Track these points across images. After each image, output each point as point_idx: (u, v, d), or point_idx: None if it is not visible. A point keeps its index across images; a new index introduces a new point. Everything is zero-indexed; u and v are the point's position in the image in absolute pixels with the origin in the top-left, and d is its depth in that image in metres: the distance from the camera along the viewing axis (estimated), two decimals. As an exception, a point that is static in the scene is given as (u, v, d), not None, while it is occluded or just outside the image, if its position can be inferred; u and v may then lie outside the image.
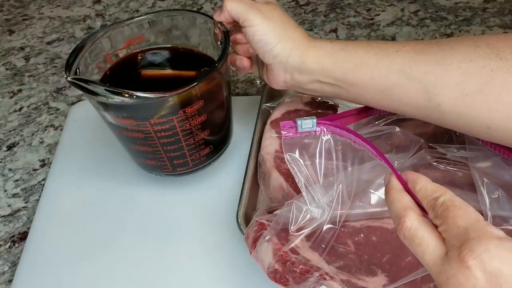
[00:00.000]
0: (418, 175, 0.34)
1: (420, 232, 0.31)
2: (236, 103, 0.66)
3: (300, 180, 0.42)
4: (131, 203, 0.57)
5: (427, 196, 0.32)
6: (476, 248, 0.27)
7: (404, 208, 0.33)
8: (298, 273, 0.42)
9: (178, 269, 0.51)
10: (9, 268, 0.55)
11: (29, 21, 0.84)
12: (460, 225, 0.29)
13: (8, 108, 0.71)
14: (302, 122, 0.40)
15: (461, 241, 0.28)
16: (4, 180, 0.63)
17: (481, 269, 0.26)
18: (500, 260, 0.26)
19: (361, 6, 0.83)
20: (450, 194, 0.31)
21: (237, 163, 0.58)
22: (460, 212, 0.30)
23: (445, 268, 0.28)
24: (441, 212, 0.30)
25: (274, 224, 0.43)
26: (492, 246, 0.27)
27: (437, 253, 0.29)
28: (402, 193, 0.34)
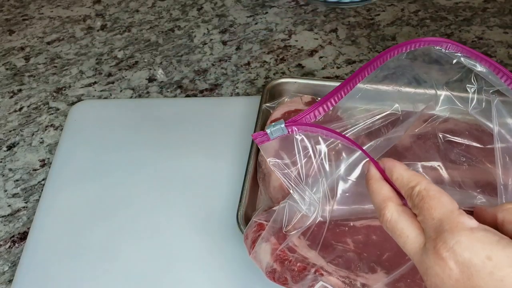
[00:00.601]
0: (394, 162, 0.34)
1: (400, 224, 0.32)
2: (236, 103, 0.66)
3: (285, 181, 0.42)
4: (130, 203, 0.57)
5: (403, 185, 0.33)
6: (448, 240, 0.28)
7: (383, 199, 0.33)
8: (296, 271, 0.42)
9: (178, 268, 0.51)
10: (9, 268, 0.55)
11: (29, 21, 0.84)
12: (435, 217, 0.30)
13: (8, 108, 0.71)
14: (272, 130, 0.40)
15: (436, 233, 0.29)
16: (4, 180, 0.63)
17: (454, 261, 0.28)
18: (470, 251, 0.27)
19: (361, 6, 0.83)
20: (425, 182, 0.32)
21: (237, 163, 0.58)
22: (434, 202, 0.30)
23: (423, 259, 0.30)
24: (417, 203, 0.31)
25: (271, 224, 0.43)
26: (463, 237, 0.28)
27: (417, 243, 0.31)
28: (381, 183, 0.35)
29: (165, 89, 0.71)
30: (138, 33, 0.81)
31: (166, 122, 0.64)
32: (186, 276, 0.51)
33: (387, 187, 0.34)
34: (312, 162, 0.43)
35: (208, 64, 0.75)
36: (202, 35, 0.79)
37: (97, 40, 0.80)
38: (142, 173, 0.59)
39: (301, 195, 0.42)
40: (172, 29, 0.81)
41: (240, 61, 0.75)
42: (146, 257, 0.52)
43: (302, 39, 0.78)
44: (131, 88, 0.72)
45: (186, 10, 0.84)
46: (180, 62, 0.75)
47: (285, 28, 0.80)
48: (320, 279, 0.41)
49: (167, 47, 0.78)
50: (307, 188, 0.42)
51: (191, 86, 0.72)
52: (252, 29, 0.80)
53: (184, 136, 0.62)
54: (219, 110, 0.65)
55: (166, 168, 0.59)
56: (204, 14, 0.83)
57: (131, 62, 0.76)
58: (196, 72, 0.74)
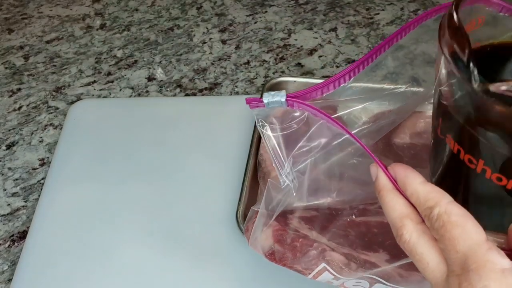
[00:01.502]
0: (407, 172, 0.30)
1: (420, 248, 0.28)
2: (236, 102, 0.66)
3: (269, 148, 0.39)
4: (130, 202, 0.57)
5: (420, 204, 0.29)
6: (475, 282, 0.25)
7: (399, 217, 0.30)
8: (299, 247, 0.41)
9: (177, 268, 0.51)
10: (9, 267, 0.55)
11: (28, 20, 0.84)
12: (459, 250, 0.26)
13: (7, 107, 0.71)
14: (269, 101, 0.36)
15: (461, 269, 0.26)
16: (4, 179, 0.63)
17: None
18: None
19: (361, 5, 0.83)
20: (445, 202, 0.28)
21: (236, 162, 0.58)
22: (458, 232, 0.26)
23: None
24: (437, 228, 0.27)
25: (263, 205, 0.42)
26: (492, 282, 0.24)
27: (439, 273, 0.27)
28: (394, 195, 0.31)
29: (165, 88, 0.71)
30: (138, 32, 0.80)
31: (165, 121, 0.64)
32: (186, 276, 0.51)
33: (402, 200, 0.30)
34: (305, 142, 0.40)
35: (208, 63, 0.75)
36: (201, 34, 0.79)
37: (97, 39, 0.80)
38: (142, 172, 0.59)
39: (280, 167, 0.40)
40: (172, 28, 0.81)
41: (239, 60, 0.75)
42: (145, 256, 0.52)
43: (302, 38, 0.78)
44: (131, 87, 0.72)
45: (185, 9, 0.84)
46: (179, 61, 0.75)
47: (285, 27, 0.80)
48: (323, 255, 0.40)
49: (167, 46, 0.78)
50: (287, 163, 0.40)
51: (191, 85, 0.72)
52: (251, 28, 0.80)
53: (183, 135, 0.62)
54: (219, 109, 0.65)
55: (165, 167, 0.59)
56: (204, 13, 0.83)
57: (131, 61, 0.76)
58: (196, 71, 0.73)
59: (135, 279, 0.51)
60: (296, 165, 0.40)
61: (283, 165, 0.40)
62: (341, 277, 0.41)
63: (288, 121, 0.39)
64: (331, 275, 0.41)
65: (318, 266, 0.41)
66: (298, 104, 0.36)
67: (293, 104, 0.36)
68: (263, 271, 0.50)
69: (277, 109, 0.38)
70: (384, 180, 0.31)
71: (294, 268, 0.43)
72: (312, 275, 0.42)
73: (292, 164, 0.40)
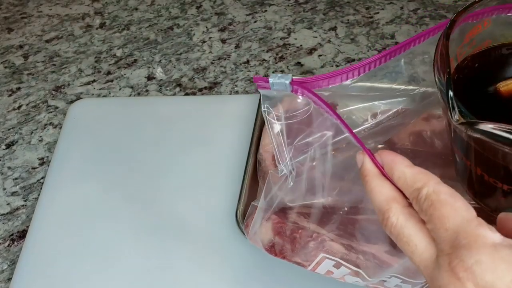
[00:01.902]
0: (394, 157, 0.30)
1: (407, 230, 0.27)
2: (235, 101, 0.66)
3: (272, 135, 0.39)
4: (130, 201, 0.57)
5: (408, 187, 0.28)
6: (466, 258, 0.24)
7: (386, 200, 0.29)
8: (298, 238, 0.41)
9: (176, 267, 0.51)
10: (8, 267, 0.55)
11: (27, 19, 0.84)
12: (449, 228, 0.25)
13: (7, 106, 0.71)
14: (274, 81, 0.35)
15: (451, 247, 0.25)
16: (3, 178, 0.63)
17: (473, 283, 0.23)
18: (493, 273, 0.23)
19: (360, 4, 0.83)
20: (433, 183, 0.27)
21: (236, 161, 0.58)
22: (447, 210, 0.26)
23: (436, 275, 0.25)
24: (426, 208, 0.27)
25: (261, 205, 0.43)
26: (484, 256, 0.23)
27: (427, 255, 0.26)
28: (381, 180, 0.30)
29: (164, 88, 0.71)
30: (137, 31, 0.80)
31: (165, 120, 0.64)
32: (186, 275, 0.51)
33: (388, 184, 0.29)
34: (307, 132, 0.39)
35: (207, 63, 0.75)
36: (201, 33, 0.79)
37: (96, 38, 0.80)
38: (141, 171, 0.59)
39: (280, 156, 0.39)
40: (171, 27, 0.81)
41: (239, 59, 0.75)
42: (145, 256, 0.52)
43: (301, 37, 0.78)
44: (130, 86, 0.72)
45: (185, 8, 0.84)
46: (179, 60, 0.75)
47: (284, 26, 0.80)
48: (323, 245, 0.40)
49: (166, 45, 0.78)
50: (288, 152, 0.39)
51: (190, 85, 0.72)
52: (251, 27, 0.80)
53: (183, 134, 0.62)
54: (218, 109, 0.65)
55: (165, 167, 0.59)
56: (203, 12, 0.83)
57: (130, 60, 0.76)
58: (195, 71, 0.73)
59: (135, 278, 0.51)
60: (295, 157, 0.40)
61: (283, 153, 0.39)
62: (341, 261, 0.41)
63: (293, 111, 0.38)
64: (331, 262, 0.41)
65: (317, 257, 0.41)
66: (302, 90, 0.36)
67: (297, 90, 0.36)
68: (263, 270, 0.50)
69: (284, 99, 0.37)
70: (369, 166, 0.31)
71: (294, 260, 0.43)
72: (312, 267, 0.43)
73: (292, 155, 0.40)
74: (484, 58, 0.37)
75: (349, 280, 0.42)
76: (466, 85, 0.36)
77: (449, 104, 0.29)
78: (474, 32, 0.36)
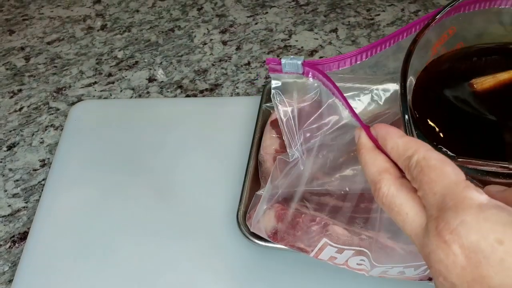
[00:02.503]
0: (387, 128, 0.30)
1: (398, 199, 0.27)
2: (236, 103, 0.66)
3: (282, 121, 0.39)
4: (130, 203, 0.57)
5: (400, 156, 0.28)
6: (452, 220, 0.23)
7: (378, 171, 0.29)
8: (301, 222, 0.41)
9: (177, 268, 0.51)
10: (9, 268, 0.55)
11: (29, 21, 0.84)
12: (437, 191, 0.25)
13: (8, 108, 0.71)
14: (286, 62, 0.36)
15: (439, 211, 0.25)
16: (4, 180, 0.63)
17: (459, 244, 0.23)
18: (477, 233, 0.23)
19: (361, 6, 0.83)
20: (424, 149, 0.27)
21: (237, 163, 0.58)
22: (436, 174, 0.26)
23: (425, 242, 0.25)
24: (416, 175, 0.26)
25: (266, 193, 0.43)
26: (469, 216, 0.23)
27: (418, 223, 0.26)
28: (375, 153, 0.30)
29: (165, 89, 0.71)
30: (138, 33, 0.81)
31: (166, 122, 0.64)
32: (186, 276, 0.51)
33: (381, 157, 0.29)
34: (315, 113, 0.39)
35: (208, 64, 0.75)
36: (202, 35, 0.79)
37: (97, 40, 0.80)
38: (142, 173, 0.59)
39: (290, 141, 0.40)
40: (172, 29, 0.81)
41: (240, 61, 0.75)
42: (146, 257, 0.52)
43: (302, 39, 0.78)
44: (131, 88, 0.72)
45: (186, 10, 0.84)
46: (180, 62, 0.75)
47: (285, 28, 0.80)
48: (324, 230, 0.40)
49: (167, 47, 0.78)
50: (298, 137, 0.40)
51: (191, 86, 0.72)
52: (252, 29, 0.80)
53: (184, 136, 0.62)
54: (219, 110, 0.65)
55: (166, 168, 0.59)
56: (204, 14, 0.83)
57: (131, 62, 0.76)
58: (196, 72, 0.74)
59: (136, 279, 0.51)
60: (305, 142, 0.40)
61: (294, 138, 0.39)
62: (344, 247, 0.41)
63: (301, 96, 0.38)
64: (334, 248, 0.41)
65: (320, 242, 0.41)
66: (312, 71, 0.36)
67: (308, 72, 0.36)
68: (263, 271, 0.50)
69: (291, 88, 0.38)
70: (364, 140, 0.31)
71: (296, 246, 0.43)
72: (315, 252, 0.43)
73: (302, 140, 0.40)
74: (454, 60, 0.38)
75: (353, 264, 0.42)
76: (437, 86, 0.37)
77: (405, 128, 0.30)
78: (440, 42, 0.36)
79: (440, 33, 0.36)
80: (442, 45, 0.37)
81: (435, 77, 0.37)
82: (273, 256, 0.51)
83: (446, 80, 0.37)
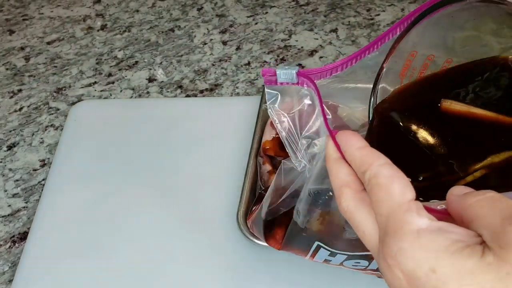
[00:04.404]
0: (347, 138, 0.28)
1: (356, 216, 0.27)
2: (236, 103, 0.66)
3: (281, 132, 0.39)
4: (130, 203, 0.57)
5: (357, 170, 0.27)
6: (392, 246, 0.24)
7: (339, 185, 0.28)
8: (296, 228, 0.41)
9: (177, 268, 0.51)
10: (9, 268, 0.55)
11: (29, 21, 0.84)
12: (382, 213, 0.25)
13: (8, 108, 0.71)
14: (281, 72, 0.36)
15: (383, 234, 0.25)
16: (4, 180, 0.63)
17: (399, 270, 0.23)
18: (413, 261, 0.23)
19: (361, 6, 0.83)
20: (376, 166, 0.26)
21: (237, 163, 0.58)
22: (382, 194, 0.25)
23: (378, 261, 0.26)
24: (369, 193, 0.26)
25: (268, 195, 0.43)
26: (406, 243, 0.23)
27: (374, 241, 0.26)
28: (338, 164, 0.29)
29: (165, 89, 0.71)
30: (138, 33, 0.81)
31: (166, 122, 0.64)
32: (186, 276, 0.51)
33: (345, 169, 0.28)
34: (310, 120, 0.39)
35: (208, 64, 0.75)
36: (202, 35, 0.79)
37: (97, 40, 0.80)
38: (142, 173, 0.59)
39: (294, 151, 0.39)
40: (172, 29, 0.81)
41: (240, 61, 0.75)
42: (146, 257, 0.52)
43: (302, 39, 0.78)
44: (131, 88, 0.72)
45: (186, 10, 0.84)
46: (180, 62, 0.75)
47: (285, 28, 0.80)
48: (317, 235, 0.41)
49: (167, 47, 0.78)
50: (300, 146, 0.39)
51: (191, 86, 0.72)
52: (252, 29, 0.80)
53: (184, 136, 0.62)
54: (219, 110, 0.65)
55: (166, 168, 0.59)
56: (204, 14, 0.83)
57: (131, 62, 0.76)
58: (196, 72, 0.74)
59: (136, 279, 0.51)
60: (308, 148, 0.39)
61: (297, 146, 0.39)
62: (337, 252, 0.41)
63: (297, 103, 0.38)
64: (327, 251, 0.41)
65: (313, 246, 0.41)
66: (306, 81, 0.36)
67: (303, 82, 0.36)
68: (263, 271, 0.50)
69: (285, 104, 0.38)
70: (330, 150, 0.30)
71: (293, 250, 0.43)
72: (310, 255, 0.43)
73: (306, 147, 0.39)
74: (419, 85, 0.37)
75: (348, 265, 0.42)
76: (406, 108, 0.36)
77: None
78: (405, 68, 0.36)
79: (403, 63, 0.36)
80: (407, 71, 0.37)
81: (405, 94, 0.37)
82: (273, 256, 0.51)
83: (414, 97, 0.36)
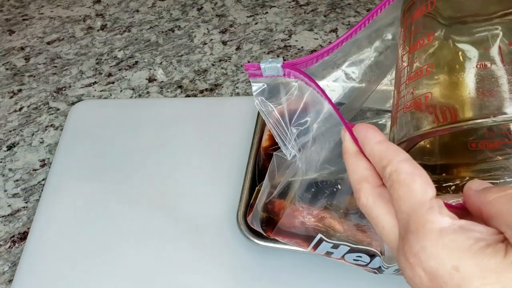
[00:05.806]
0: (366, 132, 0.28)
1: (376, 211, 0.27)
2: (236, 103, 0.66)
3: (270, 123, 0.39)
4: (130, 203, 0.57)
5: (376, 164, 0.28)
6: (414, 244, 0.24)
7: (358, 180, 0.28)
8: (298, 217, 0.41)
9: (177, 269, 0.51)
10: (9, 268, 0.55)
11: (29, 21, 0.84)
12: (404, 210, 0.25)
13: (8, 108, 0.71)
14: (266, 66, 0.35)
15: (404, 231, 0.25)
16: (4, 180, 0.63)
17: (421, 268, 0.24)
18: (436, 260, 0.23)
19: (361, 6, 0.83)
20: (397, 161, 0.26)
21: (237, 163, 0.58)
22: (403, 191, 0.25)
23: (397, 257, 0.26)
24: (389, 188, 0.26)
25: (264, 188, 0.43)
26: (428, 242, 0.24)
27: (393, 236, 0.26)
28: (357, 158, 0.29)
29: (165, 89, 0.71)
30: (138, 33, 0.81)
31: (166, 122, 0.64)
32: (186, 276, 0.51)
33: (363, 163, 0.29)
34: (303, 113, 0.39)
35: (208, 64, 0.75)
36: (202, 35, 0.79)
37: (97, 40, 0.80)
38: (142, 173, 0.59)
39: (283, 141, 0.39)
40: (172, 29, 0.81)
41: (240, 61, 0.75)
42: (146, 257, 0.52)
43: (302, 39, 0.78)
44: (131, 88, 0.72)
45: (186, 10, 0.84)
46: (180, 62, 0.75)
47: (285, 28, 0.80)
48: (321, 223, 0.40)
49: (167, 47, 0.78)
50: (290, 136, 0.39)
51: (191, 86, 0.72)
52: (252, 29, 0.80)
53: (184, 136, 0.62)
54: (219, 110, 0.65)
55: (166, 168, 0.59)
56: (204, 14, 0.83)
57: (131, 62, 0.76)
58: (196, 72, 0.74)
59: (136, 279, 0.51)
60: (298, 137, 0.39)
61: (287, 136, 0.39)
62: (339, 243, 0.41)
63: (284, 94, 0.38)
64: (329, 244, 0.41)
65: (316, 237, 0.41)
66: (294, 72, 0.36)
67: (289, 74, 0.36)
68: (263, 271, 0.50)
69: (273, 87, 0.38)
70: (348, 143, 0.30)
71: (294, 241, 0.43)
72: (311, 247, 0.43)
73: (296, 136, 0.39)
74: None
75: (349, 259, 0.42)
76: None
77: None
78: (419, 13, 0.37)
79: (420, 4, 0.37)
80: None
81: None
82: (273, 256, 0.51)
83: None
